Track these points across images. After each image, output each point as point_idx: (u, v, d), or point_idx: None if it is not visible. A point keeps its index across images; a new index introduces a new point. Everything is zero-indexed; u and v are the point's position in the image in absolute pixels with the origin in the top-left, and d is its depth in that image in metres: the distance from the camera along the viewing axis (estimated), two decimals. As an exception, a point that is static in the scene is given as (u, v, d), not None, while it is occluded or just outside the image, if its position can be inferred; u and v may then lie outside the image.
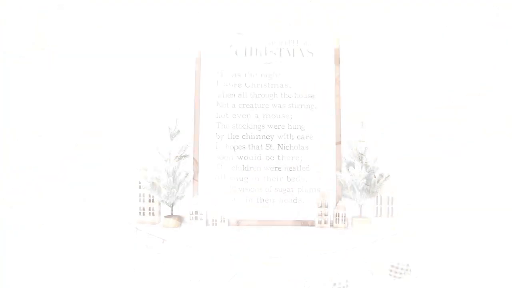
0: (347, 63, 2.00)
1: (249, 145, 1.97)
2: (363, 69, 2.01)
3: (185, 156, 1.94)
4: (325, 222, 1.89)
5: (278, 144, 1.96)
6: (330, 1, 2.00)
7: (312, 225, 1.91)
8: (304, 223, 1.92)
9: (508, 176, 2.00)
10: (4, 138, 2.06)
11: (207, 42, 2.00)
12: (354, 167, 1.85)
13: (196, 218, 1.89)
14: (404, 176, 1.99)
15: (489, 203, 2.01)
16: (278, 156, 1.96)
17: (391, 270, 1.85)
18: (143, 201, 1.96)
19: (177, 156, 1.93)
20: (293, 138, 1.96)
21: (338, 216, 1.89)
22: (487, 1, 2.01)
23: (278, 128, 1.97)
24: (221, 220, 1.90)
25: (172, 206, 1.92)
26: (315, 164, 1.95)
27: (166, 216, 1.91)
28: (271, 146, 1.96)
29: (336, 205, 1.91)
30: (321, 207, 1.89)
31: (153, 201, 1.96)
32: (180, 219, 1.92)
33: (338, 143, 1.95)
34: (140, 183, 1.93)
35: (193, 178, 1.93)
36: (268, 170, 1.96)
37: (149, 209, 1.96)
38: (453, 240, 2.01)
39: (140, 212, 1.95)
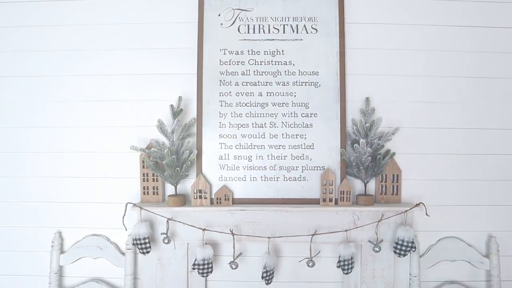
0: (351, 39, 1.97)
1: (252, 123, 1.95)
2: (368, 46, 1.98)
3: (188, 135, 1.93)
4: (330, 200, 1.88)
5: (282, 122, 1.94)
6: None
7: (317, 203, 1.90)
8: (309, 201, 1.91)
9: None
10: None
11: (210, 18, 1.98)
12: (359, 144, 1.83)
13: (200, 197, 1.89)
14: (409, 154, 1.98)
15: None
16: (282, 134, 1.94)
17: (395, 247, 1.85)
18: (147, 180, 1.95)
19: (180, 135, 1.91)
20: (297, 116, 1.94)
21: (343, 194, 1.88)
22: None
23: (282, 106, 1.94)
24: (225, 199, 1.89)
25: (176, 185, 1.91)
26: (320, 142, 1.93)
27: (170, 195, 1.90)
28: (275, 124, 1.95)
29: (340, 183, 1.89)
30: (325, 185, 1.88)
31: (157, 180, 1.95)
32: (184, 198, 1.91)
33: (343, 120, 1.93)
34: (143, 162, 1.91)
35: (197, 157, 1.92)
36: (272, 148, 1.94)
37: (153, 188, 1.95)
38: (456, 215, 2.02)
39: (143, 192, 1.95)
